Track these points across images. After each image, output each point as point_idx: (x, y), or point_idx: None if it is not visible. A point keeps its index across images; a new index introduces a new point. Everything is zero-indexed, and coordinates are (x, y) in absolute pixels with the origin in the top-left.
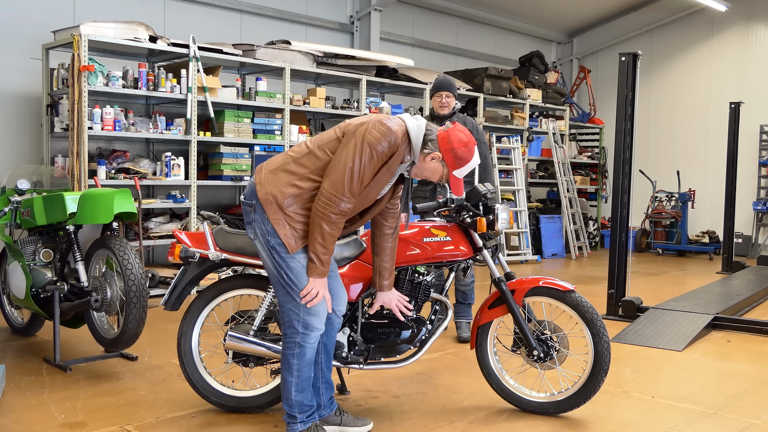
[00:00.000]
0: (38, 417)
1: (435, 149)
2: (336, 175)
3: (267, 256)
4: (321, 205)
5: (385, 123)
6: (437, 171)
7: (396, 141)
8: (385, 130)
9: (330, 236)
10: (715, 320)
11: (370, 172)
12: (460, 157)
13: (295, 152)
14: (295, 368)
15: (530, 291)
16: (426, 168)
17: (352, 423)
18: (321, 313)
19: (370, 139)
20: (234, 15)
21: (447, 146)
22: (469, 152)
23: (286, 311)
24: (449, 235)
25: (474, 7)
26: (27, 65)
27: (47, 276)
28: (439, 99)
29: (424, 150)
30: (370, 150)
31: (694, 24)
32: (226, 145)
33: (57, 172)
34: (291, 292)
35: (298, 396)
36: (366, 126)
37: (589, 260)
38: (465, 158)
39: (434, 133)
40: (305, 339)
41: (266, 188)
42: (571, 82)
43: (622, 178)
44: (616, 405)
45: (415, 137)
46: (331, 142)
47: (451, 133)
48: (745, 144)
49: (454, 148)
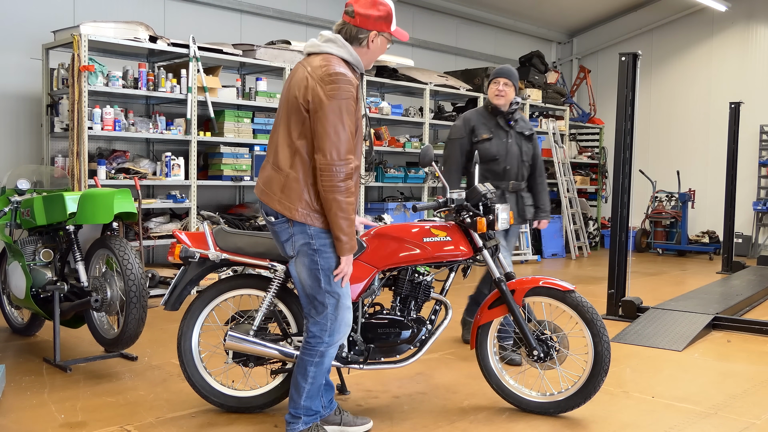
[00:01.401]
0: (38, 417)
1: (366, 33)
2: (327, 145)
3: (306, 267)
4: (325, 179)
5: (336, 70)
6: (383, 44)
7: (351, 78)
8: (343, 77)
9: (348, 204)
10: (715, 320)
11: (352, 122)
12: (386, 15)
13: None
14: (311, 375)
15: (530, 291)
16: (373, 52)
17: (352, 422)
18: (347, 326)
19: (335, 94)
20: (234, 15)
21: (371, 21)
22: (384, 5)
23: (314, 322)
24: (449, 235)
25: (474, 7)
26: (27, 65)
27: (47, 276)
28: (495, 86)
29: (360, 45)
30: (342, 104)
31: (694, 24)
32: (226, 145)
33: (57, 172)
34: (325, 298)
35: (307, 401)
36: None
37: (589, 260)
38: (388, 11)
39: (351, 25)
40: (328, 350)
41: (297, 208)
42: (571, 82)
43: (622, 178)
44: (616, 405)
45: (350, 56)
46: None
47: (358, 9)
48: (745, 144)
49: (375, 16)
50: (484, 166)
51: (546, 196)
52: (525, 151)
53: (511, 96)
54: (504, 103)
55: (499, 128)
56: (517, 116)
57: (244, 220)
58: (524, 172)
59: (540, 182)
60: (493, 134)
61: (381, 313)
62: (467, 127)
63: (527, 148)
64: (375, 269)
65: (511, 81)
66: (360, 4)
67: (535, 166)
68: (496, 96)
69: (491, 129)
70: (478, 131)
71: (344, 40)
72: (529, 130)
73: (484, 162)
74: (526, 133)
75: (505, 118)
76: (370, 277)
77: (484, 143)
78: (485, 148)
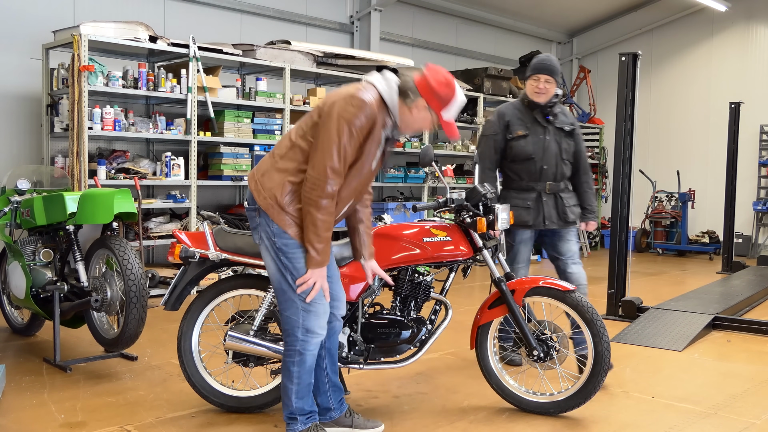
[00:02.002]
0: (38, 417)
1: (416, 97)
2: (318, 158)
3: (272, 259)
4: (307, 190)
5: (358, 96)
6: (426, 119)
7: (373, 112)
8: (359, 103)
9: (322, 222)
10: (715, 320)
11: (351, 149)
12: (443, 97)
13: (280, 149)
14: (295, 375)
15: (530, 291)
16: (414, 120)
17: (363, 425)
18: (321, 317)
19: (347, 116)
20: (234, 15)
21: (428, 90)
22: (451, 90)
23: (285, 319)
24: (449, 235)
25: (474, 7)
26: (27, 65)
27: (47, 276)
28: (535, 83)
29: (406, 102)
30: (348, 128)
31: (694, 24)
32: (226, 145)
33: (57, 172)
34: (293, 295)
35: (298, 402)
36: (340, 102)
37: (589, 260)
38: (449, 96)
39: (411, 81)
40: (305, 346)
41: (263, 193)
42: (571, 82)
43: (622, 178)
44: (616, 405)
45: (390, 99)
46: (311, 128)
47: (428, 76)
48: (745, 144)
49: (434, 90)
50: (519, 166)
51: (592, 195)
52: (565, 148)
53: (552, 92)
54: (544, 101)
55: (537, 124)
56: (557, 110)
57: (244, 220)
58: (564, 172)
59: (585, 181)
60: (530, 131)
61: (381, 313)
62: (501, 123)
63: (567, 145)
64: None
65: (553, 78)
66: (432, 71)
67: (578, 163)
68: (536, 93)
69: (527, 125)
70: (512, 127)
71: (397, 86)
72: (569, 125)
73: (518, 161)
74: (567, 128)
75: (543, 112)
76: None
77: (519, 141)
78: (520, 146)
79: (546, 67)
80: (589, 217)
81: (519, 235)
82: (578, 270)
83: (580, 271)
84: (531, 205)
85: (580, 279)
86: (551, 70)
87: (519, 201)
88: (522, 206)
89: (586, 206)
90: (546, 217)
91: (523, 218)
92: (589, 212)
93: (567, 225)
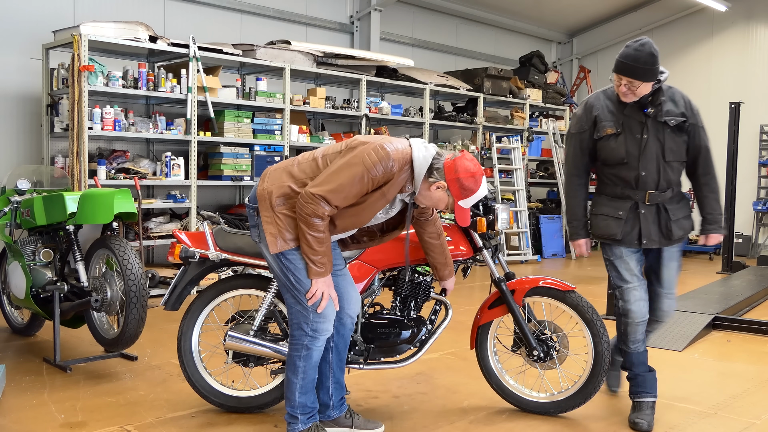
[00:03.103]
0: (38, 417)
1: (440, 178)
2: (322, 180)
3: (273, 258)
4: (300, 204)
5: (386, 148)
6: (442, 200)
7: (392, 168)
8: (384, 155)
9: (314, 239)
10: (715, 320)
11: (356, 191)
12: (466, 188)
13: (302, 157)
14: (300, 370)
15: (530, 291)
16: (431, 196)
17: (363, 426)
18: (329, 316)
19: (367, 160)
20: (234, 15)
21: (453, 176)
22: (476, 183)
23: (294, 313)
24: (449, 235)
25: (474, 7)
26: (27, 65)
27: (47, 276)
28: (619, 81)
29: (429, 178)
30: (363, 170)
31: (694, 24)
32: (226, 145)
33: (57, 172)
34: (298, 294)
35: (301, 398)
36: (368, 146)
37: (589, 260)
38: (471, 189)
39: (441, 162)
40: (313, 342)
41: (265, 185)
42: (571, 82)
43: None
44: (616, 405)
45: (419, 168)
46: (333, 154)
47: (458, 163)
48: (745, 144)
49: (460, 178)
50: (611, 170)
51: (714, 201)
52: (670, 148)
53: (642, 92)
54: (631, 101)
55: (632, 119)
56: (661, 98)
57: (244, 220)
58: (670, 177)
59: (705, 183)
60: (623, 128)
61: (381, 313)
62: (589, 118)
63: (674, 143)
64: (375, 269)
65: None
66: (462, 161)
67: (696, 162)
68: (623, 95)
69: (620, 121)
70: (601, 124)
71: (432, 161)
72: (676, 119)
73: (610, 165)
74: (672, 123)
75: (639, 105)
76: (370, 277)
77: (608, 141)
78: (610, 148)
79: (628, 69)
80: (709, 228)
81: (611, 250)
82: (669, 308)
83: (670, 308)
84: (623, 216)
85: (665, 317)
86: (633, 71)
87: (609, 209)
88: (612, 216)
89: (706, 215)
90: (643, 234)
91: (610, 230)
92: (710, 222)
93: (671, 243)
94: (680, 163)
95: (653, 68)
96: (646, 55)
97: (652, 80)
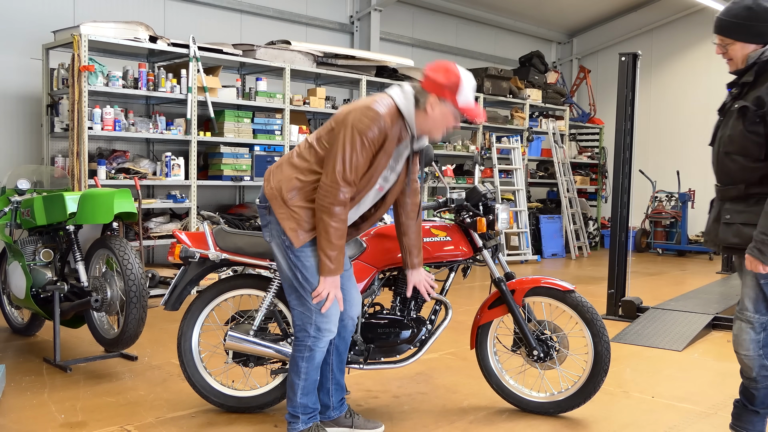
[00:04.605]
0: (38, 417)
1: (426, 96)
2: (330, 166)
3: (282, 256)
4: (320, 197)
5: (374, 107)
6: (446, 114)
7: (386, 125)
8: (373, 115)
9: (335, 230)
10: (715, 320)
11: (363, 159)
12: (450, 83)
13: (298, 148)
14: (303, 371)
15: (530, 291)
16: (434, 119)
17: (363, 425)
18: (333, 317)
19: (360, 127)
20: (234, 15)
21: (432, 84)
22: (454, 74)
23: (298, 315)
24: (449, 235)
25: (474, 7)
26: (27, 65)
27: (47, 276)
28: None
29: (419, 107)
30: (360, 138)
31: (694, 24)
32: (226, 145)
33: (57, 172)
34: (304, 293)
35: (303, 399)
36: (355, 112)
37: (589, 260)
38: (454, 80)
39: (420, 88)
40: (316, 343)
41: (271, 183)
42: (571, 82)
43: (622, 178)
44: (616, 405)
45: (407, 111)
46: (326, 133)
47: (428, 74)
48: None
49: (437, 80)
50: None
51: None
52: (729, 135)
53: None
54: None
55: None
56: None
57: (244, 220)
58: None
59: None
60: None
61: (381, 313)
62: None
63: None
64: (375, 269)
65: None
66: (431, 68)
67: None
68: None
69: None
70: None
71: (413, 97)
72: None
73: None
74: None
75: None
76: (370, 277)
77: None
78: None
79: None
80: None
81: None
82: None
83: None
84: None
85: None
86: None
87: None
88: None
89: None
90: (705, 232)
91: None
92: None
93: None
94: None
95: (748, 25)
96: (741, 8)
97: (745, 41)
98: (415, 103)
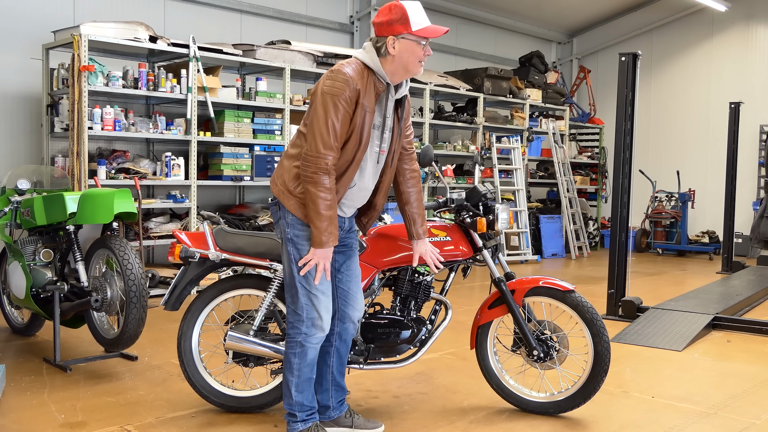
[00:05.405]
0: (38, 417)
1: (383, 40)
2: (310, 136)
3: (285, 251)
4: (303, 168)
5: (339, 69)
6: (408, 49)
7: (356, 84)
8: (341, 77)
9: (323, 200)
10: (715, 320)
11: (341, 121)
12: (397, 17)
13: (293, 140)
14: (295, 367)
15: (530, 291)
16: (399, 59)
17: (363, 425)
18: (325, 315)
19: (331, 90)
20: (234, 15)
21: (383, 26)
22: (396, 6)
23: (290, 312)
24: (449, 235)
25: (474, 7)
26: (27, 65)
27: (47, 276)
28: None
29: (382, 53)
30: (333, 101)
31: (694, 24)
32: (226, 145)
33: (57, 172)
34: (300, 289)
35: (298, 396)
36: (323, 82)
37: (589, 260)
38: (400, 12)
39: (376, 37)
40: (307, 339)
41: (276, 181)
42: (571, 82)
43: (622, 178)
44: (616, 405)
45: (373, 62)
46: (306, 114)
47: (374, 20)
48: (745, 144)
49: (385, 20)
50: None
51: None
52: None
53: None
54: None
55: None
56: None
57: (244, 220)
58: None
59: None
60: None
61: (381, 313)
62: None
63: None
64: (375, 269)
65: None
66: (378, 14)
67: None
68: None
69: None
70: None
71: (374, 48)
72: None
73: None
74: None
75: None
76: (370, 277)
77: None
78: None
79: None
80: None
81: None
82: None
83: None
84: None
85: None
86: None
87: None
88: None
89: None
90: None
91: None
92: None
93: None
94: None
95: None
96: None
97: None
98: (377, 52)
